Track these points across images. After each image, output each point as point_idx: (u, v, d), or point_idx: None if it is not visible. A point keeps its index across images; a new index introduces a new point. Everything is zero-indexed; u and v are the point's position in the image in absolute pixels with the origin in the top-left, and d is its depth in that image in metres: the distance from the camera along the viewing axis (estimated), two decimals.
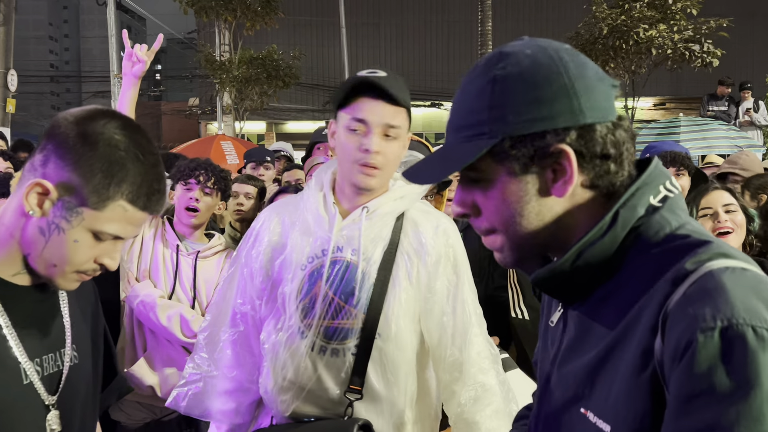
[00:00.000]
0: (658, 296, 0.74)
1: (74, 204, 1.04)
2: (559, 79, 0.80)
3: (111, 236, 1.07)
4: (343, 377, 1.51)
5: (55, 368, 1.14)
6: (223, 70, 14.71)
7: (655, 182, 0.83)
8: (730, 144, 7.30)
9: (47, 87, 64.21)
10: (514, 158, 0.82)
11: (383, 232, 1.56)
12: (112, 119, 1.06)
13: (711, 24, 11.51)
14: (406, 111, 1.54)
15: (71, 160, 1.02)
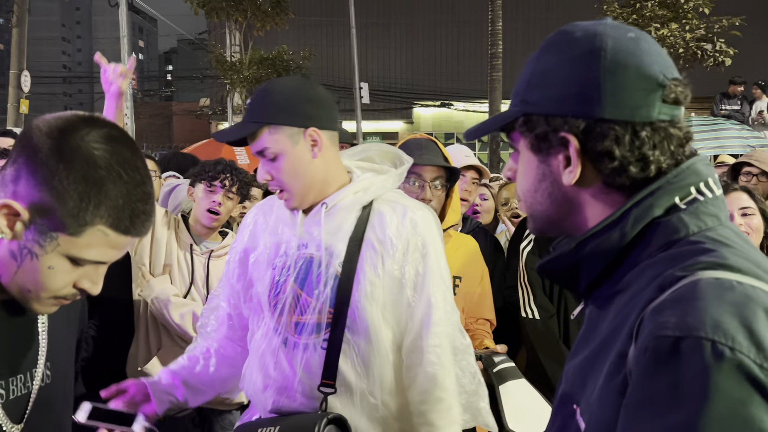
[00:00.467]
0: (643, 301, 0.72)
1: (48, 228, 0.92)
2: (589, 69, 0.79)
3: (91, 262, 0.97)
4: (316, 372, 1.52)
5: (24, 390, 1.04)
6: (233, 70, 14.77)
7: (684, 182, 0.79)
8: (743, 144, 7.24)
9: (60, 88, 64.74)
10: (529, 136, 0.85)
11: (345, 225, 1.56)
12: (92, 129, 0.93)
13: (723, 23, 11.43)
14: (269, 127, 1.50)
15: (43, 178, 0.90)
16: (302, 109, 1.51)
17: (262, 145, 1.51)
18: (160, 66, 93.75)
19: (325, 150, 1.54)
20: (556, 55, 0.83)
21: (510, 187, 3.24)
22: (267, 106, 1.52)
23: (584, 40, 0.82)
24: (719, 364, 0.62)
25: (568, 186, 0.83)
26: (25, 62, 12.06)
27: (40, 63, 57.91)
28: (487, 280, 2.45)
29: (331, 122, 1.58)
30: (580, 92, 0.79)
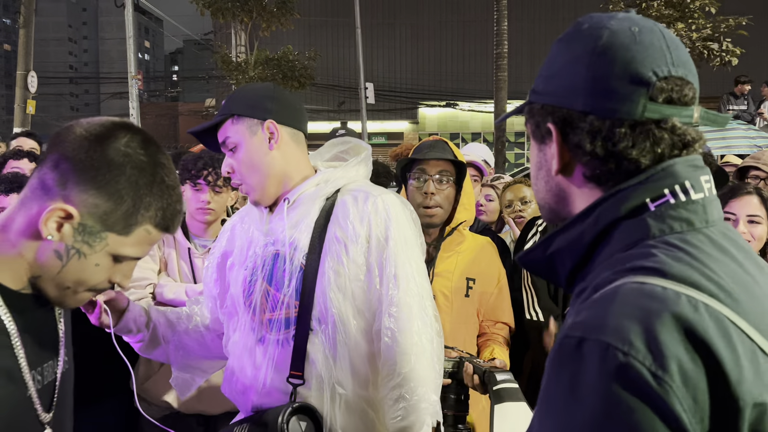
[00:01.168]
0: (582, 300, 0.73)
1: (99, 229, 0.99)
2: (581, 61, 0.79)
3: (132, 258, 1.05)
4: (286, 366, 1.53)
5: (52, 376, 1.10)
6: (239, 70, 14.81)
7: (657, 184, 0.76)
8: (750, 144, 7.20)
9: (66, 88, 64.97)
10: (530, 124, 0.87)
11: (307, 217, 1.57)
12: (133, 136, 1.02)
13: (730, 22, 11.37)
14: (231, 118, 1.58)
15: (97, 183, 0.97)
16: (262, 104, 1.59)
17: (224, 134, 1.59)
18: (165, 66, 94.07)
19: (283, 144, 1.59)
20: (561, 46, 0.84)
21: (514, 189, 3.20)
22: (233, 101, 1.61)
23: (586, 32, 0.81)
24: (612, 368, 0.62)
25: (561, 177, 0.84)
26: (31, 63, 12.10)
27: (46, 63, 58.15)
28: (504, 281, 2.38)
29: (293, 120, 1.63)
30: (569, 84, 0.80)
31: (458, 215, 2.26)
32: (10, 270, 1.01)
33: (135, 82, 12.10)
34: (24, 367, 1.02)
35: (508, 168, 14.89)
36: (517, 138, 22.63)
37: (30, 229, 0.99)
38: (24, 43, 11.99)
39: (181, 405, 2.46)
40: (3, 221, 1.03)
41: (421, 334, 1.53)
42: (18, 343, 1.01)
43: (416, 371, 1.49)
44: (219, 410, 2.48)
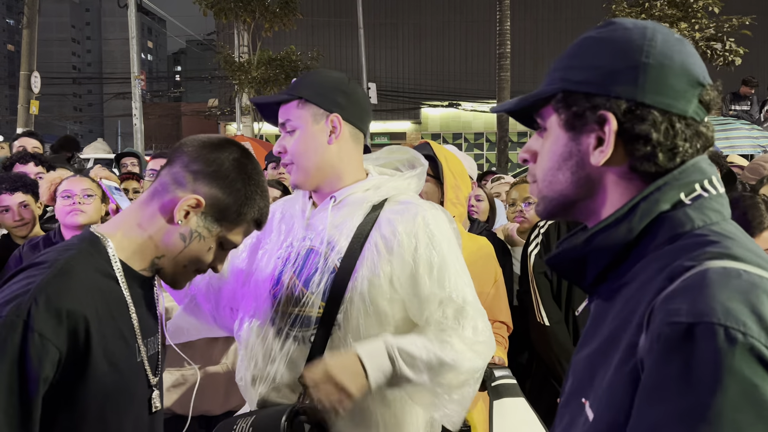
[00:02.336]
0: (652, 291, 0.74)
1: (217, 218, 1.24)
2: (636, 55, 0.82)
3: (232, 245, 1.29)
4: (300, 365, 1.50)
5: (154, 350, 1.31)
6: (242, 71, 14.82)
7: (690, 179, 0.81)
8: (753, 144, 7.18)
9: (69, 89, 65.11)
10: (565, 113, 0.85)
11: (350, 221, 1.55)
12: (239, 149, 1.29)
13: (733, 22, 11.35)
14: (298, 101, 1.56)
15: (222, 183, 1.23)
16: (333, 96, 1.57)
17: (286, 115, 1.57)
18: (168, 67, 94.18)
19: (342, 141, 1.57)
20: (605, 39, 0.85)
21: (520, 188, 3.17)
22: (304, 84, 1.59)
23: (635, 30, 0.84)
24: (732, 349, 0.63)
25: (594, 166, 0.84)
26: (35, 63, 12.13)
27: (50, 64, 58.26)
28: (501, 281, 2.39)
29: (358, 119, 1.61)
30: (626, 75, 0.81)
31: (448, 212, 2.24)
32: (138, 252, 1.24)
33: (138, 82, 12.12)
34: (139, 335, 1.24)
35: (511, 168, 14.88)
36: (519, 138, 22.62)
37: (162, 215, 1.23)
38: (27, 44, 12.02)
39: (181, 407, 2.47)
40: (134, 211, 1.26)
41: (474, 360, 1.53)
42: (134, 314, 1.23)
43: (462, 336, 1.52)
44: (221, 410, 2.49)
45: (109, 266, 1.20)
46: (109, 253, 1.21)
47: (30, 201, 3.09)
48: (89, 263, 1.18)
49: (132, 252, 1.23)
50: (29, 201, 3.08)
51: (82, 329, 1.10)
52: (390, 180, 1.63)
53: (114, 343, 1.17)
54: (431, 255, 1.51)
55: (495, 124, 14.39)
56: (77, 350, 1.10)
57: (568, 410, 0.86)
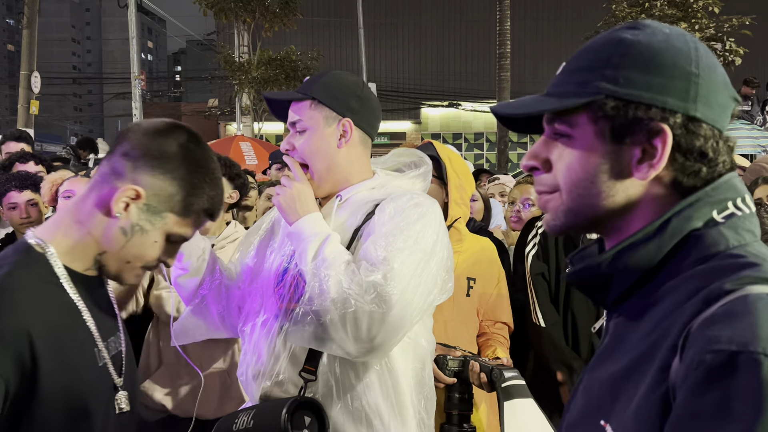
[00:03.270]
0: (687, 313, 0.70)
1: (161, 209, 1.15)
2: (686, 64, 0.77)
3: (181, 238, 1.21)
4: (301, 359, 1.51)
5: (116, 350, 1.25)
6: (242, 71, 14.82)
7: (723, 196, 0.77)
8: (753, 144, 7.19)
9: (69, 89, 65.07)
10: (609, 121, 0.78)
11: (354, 219, 1.55)
12: (187, 134, 1.19)
13: (733, 22, 11.36)
14: (312, 101, 1.55)
15: (164, 170, 1.14)
16: (347, 100, 1.57)
17: (298, 114, 1.57)
18: (168, 67, 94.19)
19: (352, 145, 1.58)
20: (649, 45, 0.78)
21: (521, 188, 3.16)
22: (319, 84, 1.57)
23: (677, 38, 0.79)
24: None
25: (633, 182, 0.79)
26: (35, 63, 12.13)
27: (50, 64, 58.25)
28: (503, 282, 2.39)
29: (369, 125, 1.61)
30: (677, 86, 0.77)
31: (452, 212, 2.23)
32: (79, 253, 1.17)
33: (138, 82, 12.12)
34: (98, 339, 1.18)
35: (511, 168, 14.88)
36: (520, 138, 22.62)
37: (101, 209, 1.15)
38: (27, 44, 12.02)
39: (177, 408, 2.46)
40: (72, 208, 1.19)
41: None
42: (89, 318, 1.17)
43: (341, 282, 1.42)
44: (214, 415, 2.47)
45: (52, 274, 1.13)
46: (49, 259, 1.14)
47: (38, 200, 3.11)
48: (28, 276, 1.10)
49: (73, 252, 1.16)
50: (37, 200, 3.10)
51: (27, 349, 1.04)
52: (395, 179, 1.63)
53: (71, 352, 1.12)
54: (400, 214, 1.47)
55: (495, 124, 14.39)
56: (27, 371, 1.04)
57: (580, 429, 0.83)
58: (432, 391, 1.63)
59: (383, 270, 1.38)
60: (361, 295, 1.37)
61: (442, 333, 2.00)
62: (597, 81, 0.79)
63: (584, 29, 13.08)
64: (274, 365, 1.55)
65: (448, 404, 1.93)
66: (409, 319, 1.42)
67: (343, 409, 1.50)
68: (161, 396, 2.47)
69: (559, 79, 0.85)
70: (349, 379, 1.50)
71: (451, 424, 1.89)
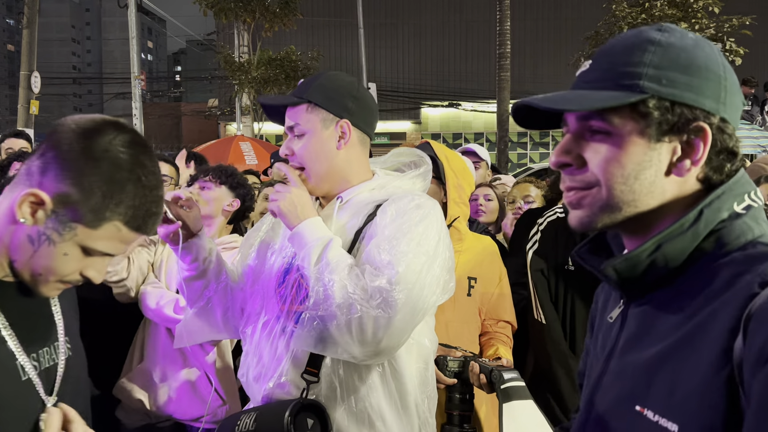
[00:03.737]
0: (739, 298, 0.73)
1: (68, 219, 1.01)
2: (717, 67, 0.83)
3: (101, 253, 1.06)
4: (304, 360, 1.51)
5: (51, 362, 1.13)
6: (242, 71, 14.81)
7: (741, 190, 0.83)
8: (753, 144, 7.19)
9: (70, 89, 65.08)
10: (654, 120, 0.82)
11: (355, 220, 1.55)
12: (119, 134, 1.03)
13: (733, 22, 11.35)
14: (308, 105, 1.55)
15: (72, 174, 1.00)
16: (343, 101, 1.56)
17: (295, 118, 1.56)
18: (169, 67, 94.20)
19: (351, 146, 1.57)
20: (685, 48, 0.83)
21: (520, 187, 3.21)
22: (314, 87, 1.57)
23: (703, 40, 0.85)
24: None
25: (672, 180, 0.83)
26: (35, 63, 12.13)
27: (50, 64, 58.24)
28: (505, 281, 2.39)
29: (367, 124, 1.61)
30: (713, 89, 0.82)
31: (451, 211, 2.22)
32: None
33: (138, 82, 12.12)
34: (19, 353, 1.06)
35: (511, 168, 14.88)
36: (519, 138, 22.61)
37: (10, 213, 1.03)
38: (27, 44, 12.01)
39: (157, 406, 2.46)
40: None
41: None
42: (8, 332, 1.05)
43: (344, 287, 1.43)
44: (190, 417, 2.48)
45: None
46: None
47: None
48: None
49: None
50: None
51: None
52: (394, 179, 1.63)
53: None
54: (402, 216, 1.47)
55: (495, 124, 14.37)
56: None
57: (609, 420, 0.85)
58: (434, 391, 1.63)
59: (388, 274, 1.39)
60: (367, 300, 1.37)
61: (444, 333, 1.99)
62: (640, 80, 0.82)
63: (584, 29, 13.09)
64: (276, 367, 1.54)
65: (448, 405, 1.93)
66: (414, 321, 1.43)
67: (347, 411, 1.49)
68: (140, 393, 2.46)
69: (593, 76, 0.87)
70: (353, 380, 1.50)
71: (452, 425, 1.89)
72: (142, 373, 2.48)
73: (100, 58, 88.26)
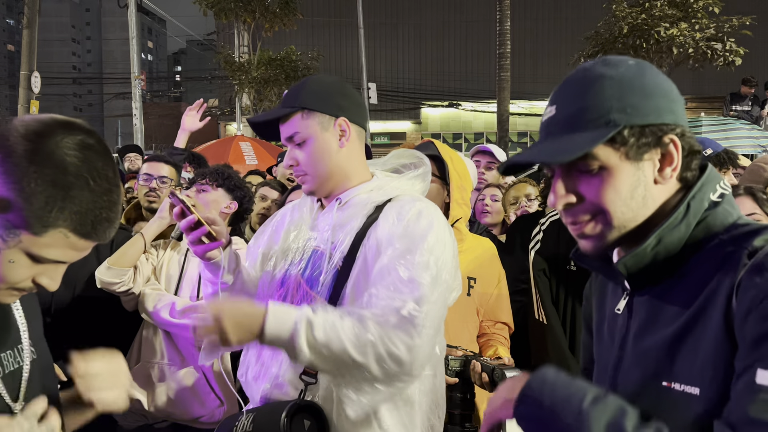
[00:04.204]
0: (731, 271, 0.86)
1: (11, 225, 0.95)
2: (664, 84, 0.96)
3: (50, 261, 1.00)
4: None
5: (15, 365, 1.10)
6: (242, 71, 14.82)
7: (714, 181, 0.96)
8: (754, 144, 7.18)
9: (70, 89, 65.11)
10: (632, 145, 0.93)
11: (354, 221, 1.55)
12: (67, 135, 0.97)
13: (734, 22, 11.36)
14: (302, 112, 1.54)
15: (14, 178, 0.93)
16: (335, 100, 1.56)
17: (292, 129, 1.55)
18: (169, 67, 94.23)
19: (351, 142, 1.58)
20: (634, 78, 0.95)
21: (518, 188, 3.29)
22: (302, 94, 1.56)
23: (646, 64, 0.98)
24: None
25: (659, 188, 0.95)
26: (35, 63, 12.13)
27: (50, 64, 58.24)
28: (504, 282, 2.38)
29: (360, 118, 1.62)
30: (668, 105, 0.95)
31: (453, 212, 2.22)
32: None
33: (138, 82, 12.13)
34: None
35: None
36: (519, 138, 22.61)
37: None
38: (27, 44, 12.02)
39: (153, 407, 2.47)
40: None
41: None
42: None
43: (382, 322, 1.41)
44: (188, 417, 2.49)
45: None
46: None
47: None
48: None
49: None
50: None
51: None
52: (393, 180, 1.63)
53: None
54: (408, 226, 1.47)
55: (495, 124, 14.38)
56: None
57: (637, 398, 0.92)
58: (443, 398, 1.62)
59: (412, 294, 1.39)
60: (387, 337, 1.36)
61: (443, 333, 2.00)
62: (609, 114, 0.93)
63: (584, 29, 13.10)
64: (275, 367, 1.55)
65: (449, 404, 1.92)
66: (437, 335, 1.46)
67: (343, 410, 1.48)
68: (137, 395, 2.45)
69: (562, 121, 0.97)
70: (350, 379, 1.48)
71: (453, 424, 1.89)
72: (139, 374, 2.48)
73: (100, 58, 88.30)
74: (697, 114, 10.97)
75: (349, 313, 1.39)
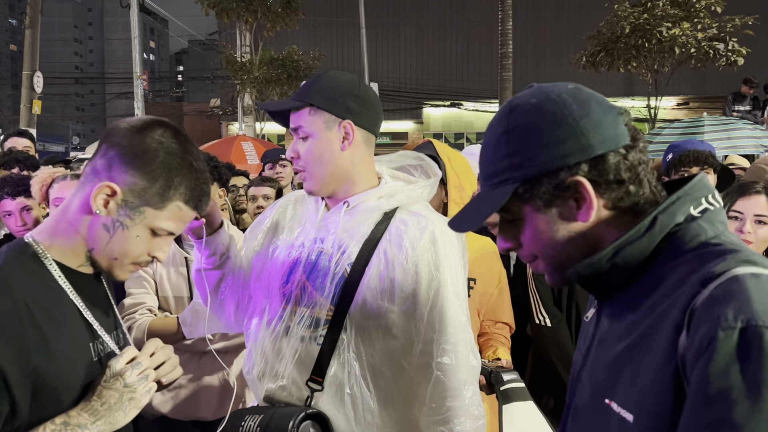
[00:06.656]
0: (685, 295, 0.80)
1: (137, 204, 1.18)
2: (564, 121, 0.89)
3: (166, 232, 1.22)
4: (308, 366, 1.52)
5: (123, 342, 1.30)
6: (244, 71, 14.83)
7: (698, 194, 0.90)
8: (756, 144, 7.15)
9: (72, 89, 65.15)
10: (535, 197, 0.92)
11: (362, 227, 1.56)
12: (166, 129, 1.21)
13: (736, 22, 11.34)
14: (310, 108, 1.55)
15: (137, 165, 1.17)
16: (345, 101, 1.55)
17: (298, 122, 1.56)
18: (171, 67, 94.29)
19: (355, 146, 1.57)
20: (527, 125, 0.91)
21: None
22: (315, 90, 1.56)
23: (547, 100, 0.92)
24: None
25: (585, 223, 0.92)
26: (37, 63, 12.15)
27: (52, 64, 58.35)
28: (505, 282, 2.38)
29: (371, 123, 1.60)
30: (572, 141, 0.89)
31: (451, 212, 2.22)
32: (70, 249, 1.21)
33: (140, 82, 12.14)
34: (100, 333, 1.23)
35: None
36: None
37: (84, 207, 1.19)
38: (30, 44, 12.03)
39: (176, 411, 2.45)
40: (63, 207, 1.22)
41: (471, 372, 1.53)
42: (87, 313, 1.20)
43: (464, 406, 1.49)
44: (213, 417, 2.47)
45: (44, 269, 1.17)
46: (41, 257, 1.18)
47: (33, 204, 3.09)
48: (21, 271, 1.14)
49: (66, 251, 1.20)
50: (31, 204, 3.08)
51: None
52: (403, 189, 1.62)
53: (62, 346, 1.13)
54: (431, 278, 1.52)
55: None
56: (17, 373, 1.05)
57: (586, 412, 0.92)
58: None
59: (449, 343, 1.50)
60: None
61: None
62: (507, 173, 0.93)
63: (586, 29, 13.08)
64: (279, 367, 1.55)
65: None
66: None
67: (348, 420, 1.49)
68: (157, 401, 2.45)
69: (482, 188, 1.00)
70: (357, 389, 1.50)
71: None
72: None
73: (102, 57, 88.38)
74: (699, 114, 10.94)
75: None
